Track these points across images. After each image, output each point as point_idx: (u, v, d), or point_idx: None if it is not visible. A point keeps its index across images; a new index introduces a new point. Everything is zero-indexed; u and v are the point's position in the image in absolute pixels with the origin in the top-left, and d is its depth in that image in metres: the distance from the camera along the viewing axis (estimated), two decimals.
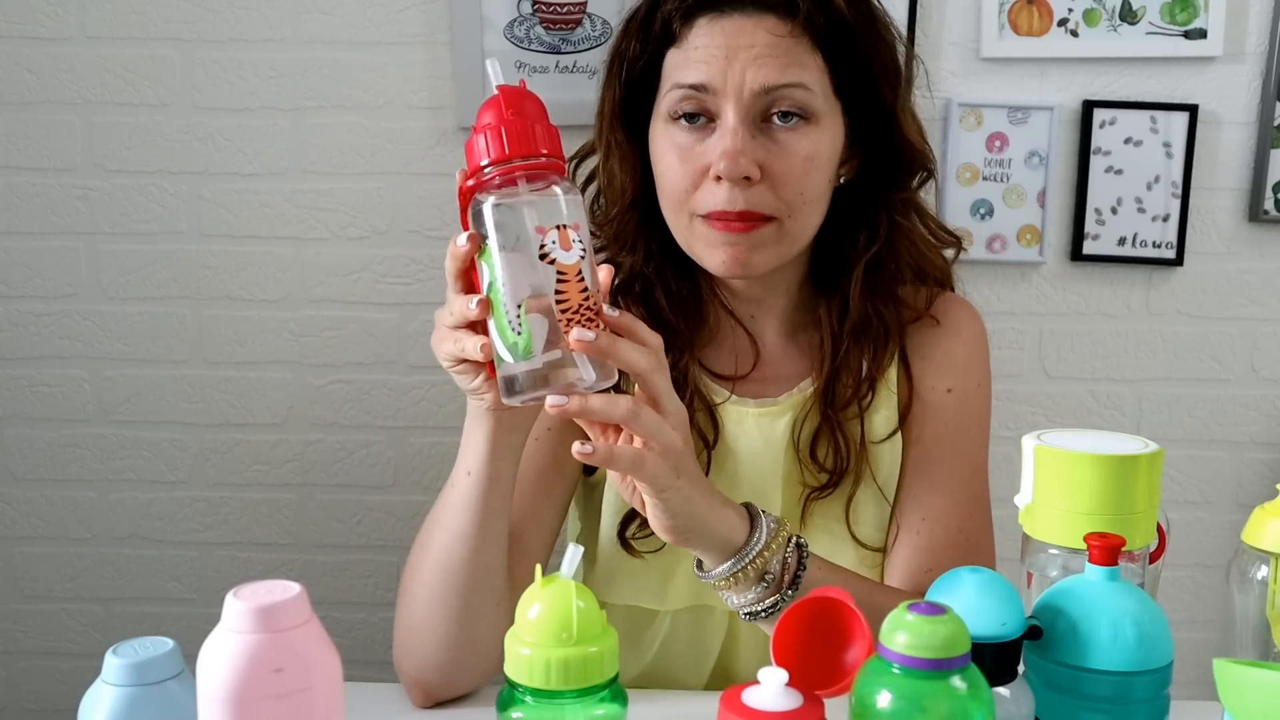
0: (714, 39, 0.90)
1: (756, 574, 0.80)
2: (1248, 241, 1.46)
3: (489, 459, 0.83)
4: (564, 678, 0.58)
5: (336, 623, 1.53)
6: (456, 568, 0.87)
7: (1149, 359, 1.49)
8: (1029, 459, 0.73)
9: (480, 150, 0.70)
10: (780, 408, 1.00)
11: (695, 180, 0.91)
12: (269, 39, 1.41)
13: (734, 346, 1.02)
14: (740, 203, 0.89)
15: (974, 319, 1.05)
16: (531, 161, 0.69)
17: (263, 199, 1.45)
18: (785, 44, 0.89)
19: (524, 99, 0.71)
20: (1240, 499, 1.51)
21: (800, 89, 0.89)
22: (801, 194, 0.91)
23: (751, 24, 0.90)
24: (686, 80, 0.91)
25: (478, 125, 0.70)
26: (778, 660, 0.63)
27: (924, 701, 0.54)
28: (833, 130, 0.93)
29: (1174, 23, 1.40)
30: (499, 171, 0.69)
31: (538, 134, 0.70)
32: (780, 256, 0.94)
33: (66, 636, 1.57)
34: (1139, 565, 0.73)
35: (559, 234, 0.68)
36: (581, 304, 0.69)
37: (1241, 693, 0.60)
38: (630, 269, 1.01)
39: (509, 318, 0.69)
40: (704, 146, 0.91)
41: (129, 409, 1.51)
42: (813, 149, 0.91)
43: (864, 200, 0.99)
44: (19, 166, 1.45)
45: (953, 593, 0.61)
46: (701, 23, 0.91)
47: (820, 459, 0.99)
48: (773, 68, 0.89)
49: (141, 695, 0.60)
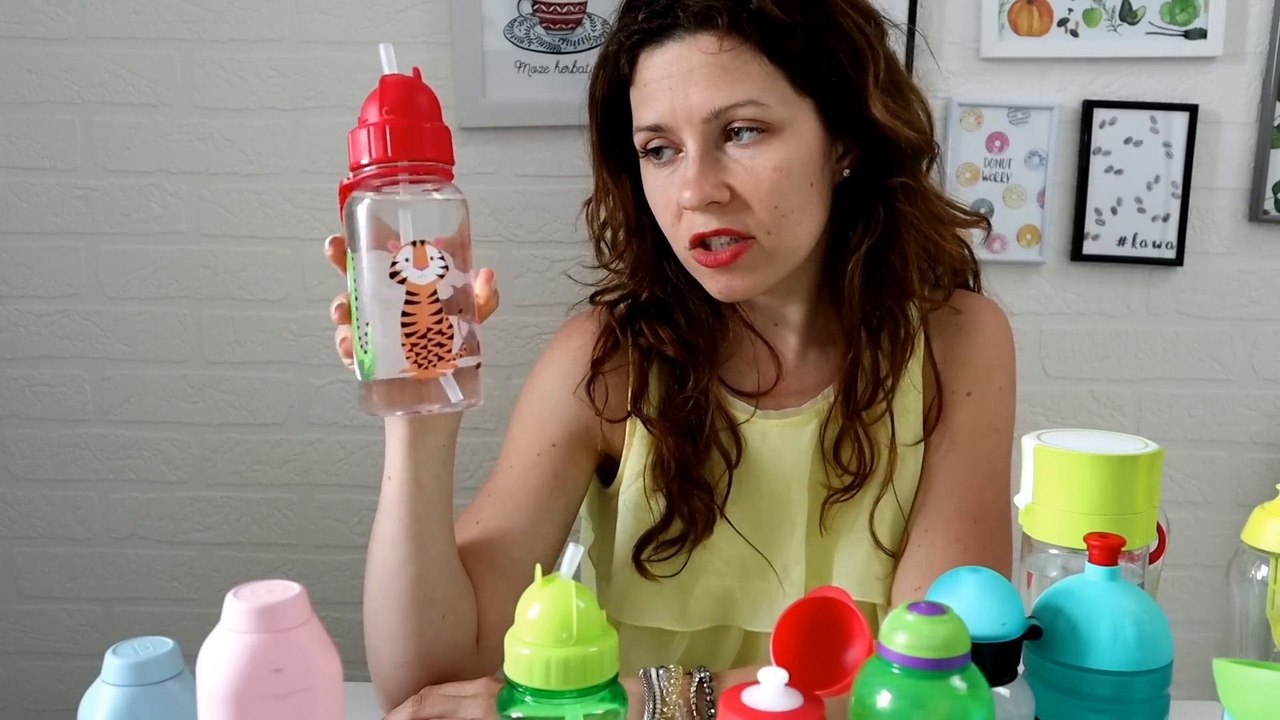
0: (655, 72, 0.88)
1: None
2: (1248, 241, 1.46)
3: (406, 462, 0.82)
4: (564, 678, 0.58)
5: (336, 623, 1.52)
6: (390, 577, 0.85)
7: (1149, 359, 1.49)
8: (1029, 459, 0.73)
9: (361, 146, 0.65)
10: (803, 416, 0.98)
11: (676, 213, 0.90)
12: (269, 39, 1.41)
13: (755, 361, 1.01)
14: (715, 224, 0.88)
15: (998, 319, 1.02)
16: (414, 164, 0.64)
17: (263, 199, 1.45)
18: (722, 61, 0.86)
19: (414, 93, 0.66)
20: (1240, 499, 1.51)
21: (750, 105, 0.86)
22: (776, 207, 0.88)
23: (685, 49, 0.87)
24: (644, 122, 0.90)
25: (362, 117, 0.65)
26: (778, 660, 0.63)
27: (924, 701, 0.54)
28: (802, 134, 0.89)
29: (1174, 23, 1.40)
30: (378, 172, 0.65)
31: (424, 134, 0.65)
32: (775, 272, 0.92)
33: (66, 636, 1.57)
34: (1139, 565, 0.73)
35: (414, 250, 0.63)
36: (430, 328, 0.64)
37: (1241, 693, 0.60)
38: (649, 295, 0.99)
39: (359, 333, 0.66)
40: (676, 179, 0.90)
41: (129, 409, 1.51)
42: (779, 160, 0.87)
43: (864, 192, 0.95)
44: (19, 166, 1.45)
45: (953, 593, 0.61)
46: (644, 57, 0.90)
47: (844, 462, 0.96)
48: (714, 88, 0.85)
49: (141, 695, 0.60)
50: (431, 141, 0.66)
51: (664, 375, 0.99)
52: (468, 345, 0.66)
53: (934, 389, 0.98)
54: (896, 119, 0.90)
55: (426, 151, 0.66)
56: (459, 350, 0.65)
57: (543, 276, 1.45)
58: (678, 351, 0.97)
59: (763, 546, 0.98)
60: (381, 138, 0.64)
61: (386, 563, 0.86)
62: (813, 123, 0.89)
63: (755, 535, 0.98)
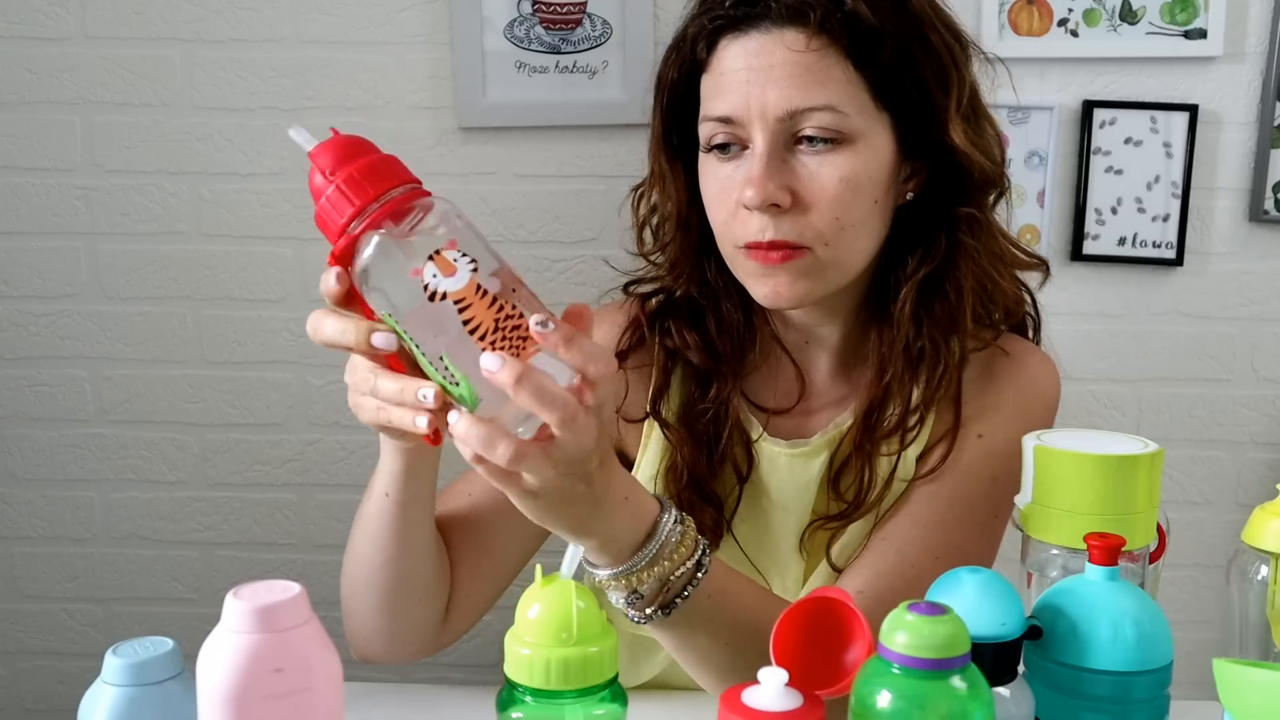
0: (735, 62, 0.85)
1: (626, 590, 0.74)
2: (1248, 241, 1.46)
3: (406, 484, 0.81)
4: (564, 678, 0.58)
5: (336, 623, 1.52)
6: (375, 569, 0.87)
7: (1149, 359, 1.49)
8: (1029, 459, 0.73)
9: (331, 215, 0.63)
10: (813, 448, 0.95)
11: (732, 211, 0.87)
12: (269, 39, 1.41)
13: (779, 377, 0.98)
14: (770, 232, 0.84)
15: (1048, 372, 0.97)
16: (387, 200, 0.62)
17: (263, 199, 1.45)
18: (807, 60, 0.83)
19: (343, 146, 0.64)
20: (1240, 499, 1.51)
21: (827, 111, 0.83)
22: (838, 219, 0.84)
23: (771, 41, 0.84)
24: (714, 113, 0.86)
25: (316, 198, 0.64)
26: (778, 660, 0.63)
27: (924, 701, 0.54)
28: (875, 148, 0.86)
29: (1174, 23, 1.40)
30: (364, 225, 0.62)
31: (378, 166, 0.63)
32: (826, 286, 0.88)
33: (66, 636, 1.57)
34: (1139, 565, 0.73)
35: (435, 263, 0.60)
36: (498, 321, 0.61)
37: (1241, 693, 0.60)
38: (684, 294, 0.96)
39: (441, 374, 0.62)
40: (739, 176, 0.86)
41: (129, 409, 1.51)
42: (849, 171, 0.84)
43: (926, 218, 0.91)
44: (19, 166, 1.45)
45: (953, 593, 0.61)
46: (725, 44, 0.86)
47: (842, 490, 0.93)
48: (794, 89, 0.82)
49: (141, 695, 0.60)
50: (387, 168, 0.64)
51: (687, 380, 0.97)
52: (543, 315, 0.62)
53: (948, 425, 0.92)
54: (974, 147, 0.87)
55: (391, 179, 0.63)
56: (540, 322, 0.61)
57: (543, 277, 1.45)
58: (702, 359, 0.94)
59: (763, 568, 0.97)
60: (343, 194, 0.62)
61: (374, 560, 0.87)
62: (887, 139, 0.87)
63: (757, 555, 0.96)
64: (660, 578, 0.73)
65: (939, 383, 0.90)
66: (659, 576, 0.73)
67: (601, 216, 1.43)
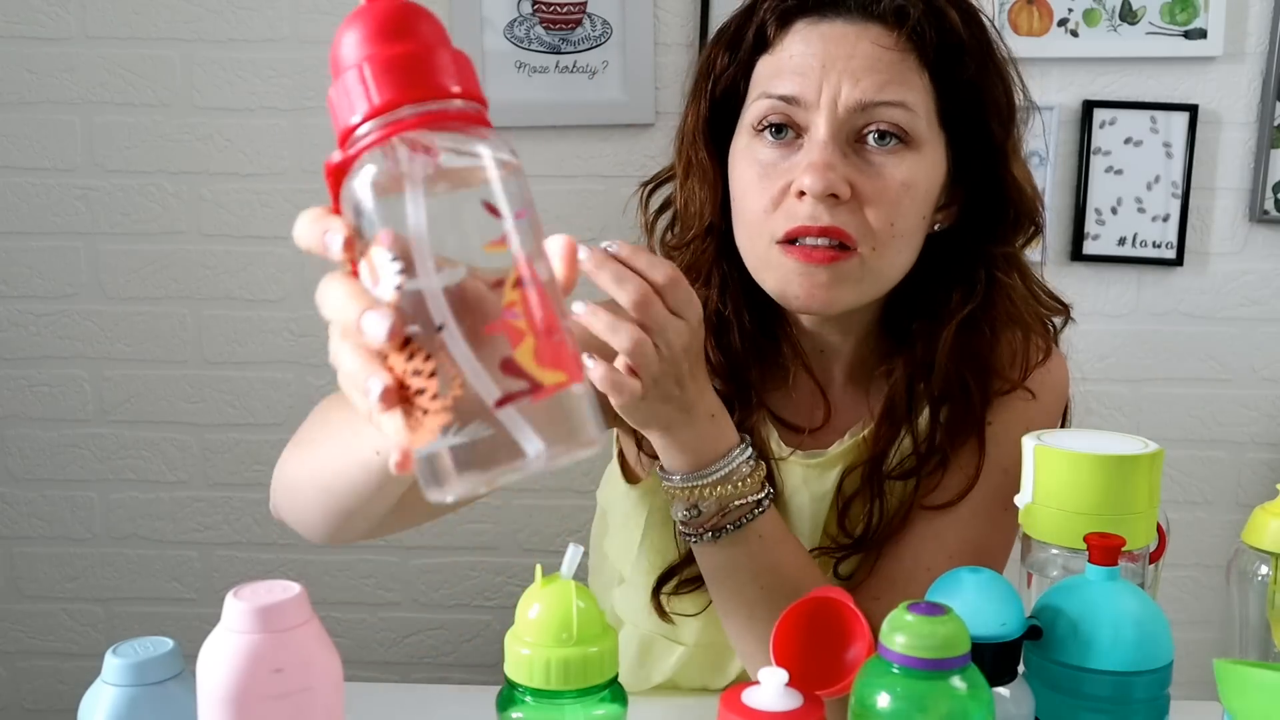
0: (810, 46, 0.82)
1: (688, 502, 0.77)
2: (1248, 241, 1.46)
3: None
4: (564, 678, 0.58)
5: (336, 623, 1.53)
6: (331, 495, 0.76)
7: (1149, 359, 1.49)
8: (1029, 459, 0.73)
9: (350, 99, 0.44)
10: (829, 459, 0.91)
11: (776, 200, 0.82)
12: (269, 39, 1.41)
13: (798, 390, 0.93)
14: (825, 218, 0.80)
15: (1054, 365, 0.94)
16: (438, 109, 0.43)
17: (263, 199, 1.45)
18: (890, 58, 0.80)
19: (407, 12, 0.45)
20: (1240, 499, 1.51)
21: (901, 109, 0.80)
22: (893, 224, 0.81)
23: (854, 32, 0.81)
24: (776, 91, 0.82)
25: (340, 61, 0.46)
26: (778, 660, 0.63)
27: (924, 701, 0.54)
28: (934, 161, 0.83)
29: (1174, 23, 1.40)
30: (386, 129, 0.43)
31: (440, 64, 0.43)
32: (861, 295, 0.84)
33: (66, 636, 1.57)
34: (1139, 565, 0.73)
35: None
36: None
37: (1241, 693, 0.60)
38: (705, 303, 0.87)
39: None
40: (789, 163, 0.82)
41: (129, 409, 1.51)
42: (911, 176, 0.81)
43: (961, 252, 0.88)
44: (19, 166, 1.45)
45: (953, 593, 0.61)
46: (799, 27, 0.83)
47: (849, 525, 0.90)
48: (872, 83, 0.80)
49: (141, 695, 0.60)
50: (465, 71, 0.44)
51: None
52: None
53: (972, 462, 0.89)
54: (1027, 183, 0.87)
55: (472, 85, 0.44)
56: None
57: None
58: (725, 385, 0.88)
59: None
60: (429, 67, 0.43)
61: (330, 487, 0.76)
62: (941, 158, 0.85)
63: None
64: (721, 500, 0.77)
65: (963, 425, 0.88)
66: (720, 498, 0.77)
67: (602, 216, 1.43)
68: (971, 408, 0.88)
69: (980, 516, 0.89)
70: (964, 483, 0.88)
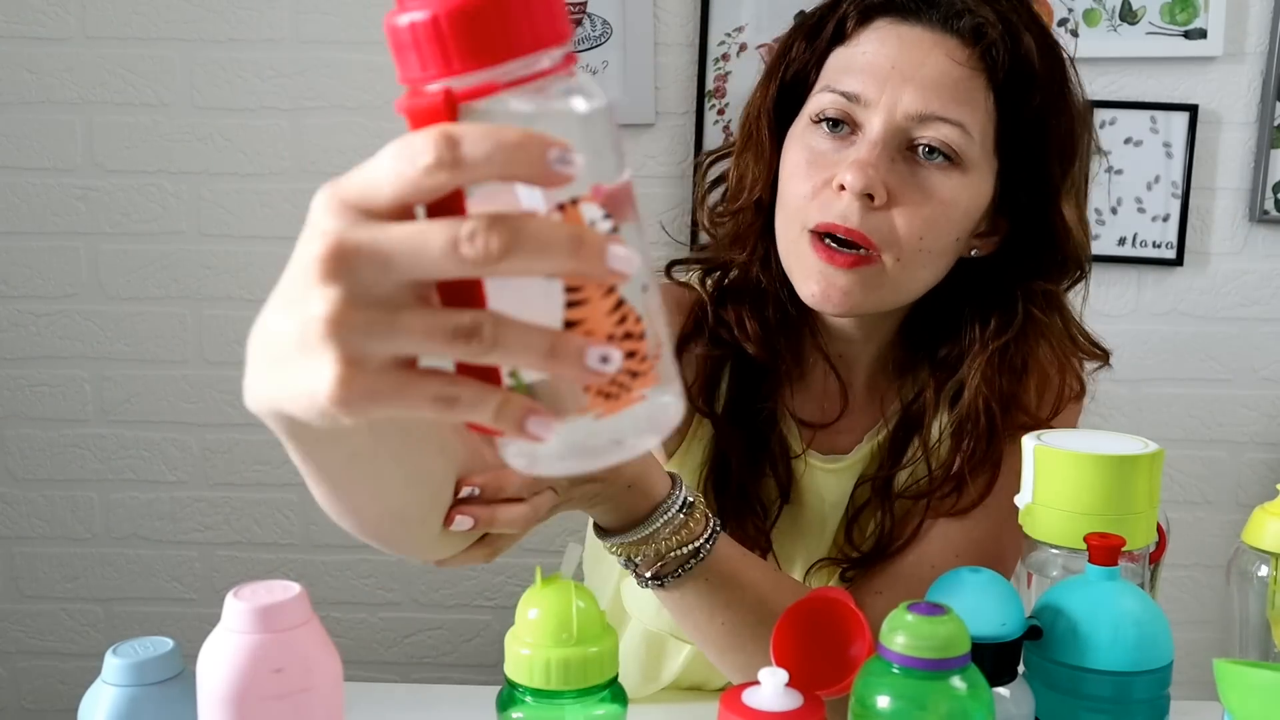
0: (885, 47, 0.82)
1: (623, 556, 0.74)
2: (1248, 241, 1.46)
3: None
4: (564, 678, 0.58)
5: (336, 623, 1.53)
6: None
7: (1149, 359, 1.49)
8: (1029, 459, 0.73)
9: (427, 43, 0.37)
10: (848, 463, 0.92)
11: (818, 189, 0.82)
12: (269, 39, 1.41)
13: (820, 386, 0.93)
14: (854, 220, 0.79)
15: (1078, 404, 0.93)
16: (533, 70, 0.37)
17: (263, 199, 1.45)
18: (959, 74, 0.80)
19: None
20: (1240, 499, 1.51)
21: (957, 128, 0.80)
22: (921, 238, 0.81)
23: (930, 41, 0.81)
24: (840, 86, 0.82)
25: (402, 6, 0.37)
26: (778, 660, 0.63)
27: (924, 701, 0.54)
28: (980, 186, 0.82)
29: (1174, 23, 1.40)
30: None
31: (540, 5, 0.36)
32: (877, 303, 0.84)
33: (66, 636, 1.57)
34: (1139, 565, 0.73)
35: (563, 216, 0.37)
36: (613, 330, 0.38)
37: (1241, 693, 0.60)
38: (744, 272, 0.91)
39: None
40: (838, 156, 0.82)
41: (129, 409, 1.51)
42: (952, 196, 0.81)
43: (999, 282, 0.87)
44: (19, 166, 1.45)
45: (953, 593, 0.61)
46: (878, 25, 0.83)
47: (856, 540, 0.90)
48: (936, 96, 0.79)
49: (141, 695, 0.60)
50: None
51: (734, 377, 0.92)
52: None
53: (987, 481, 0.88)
54: (1079, 225, 0.86)
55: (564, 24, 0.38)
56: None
57: None
58: (760, 352, 0.89)
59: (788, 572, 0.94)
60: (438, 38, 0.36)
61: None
62: (990, 184, 0.84)
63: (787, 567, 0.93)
64: (657, 553, 0.74)
65: (983, 461, 0.87)
66: (656, 552, 0.74)
67: None
68: (994, 442, 0.87)
69: (990, 518, 0.89)
70: (975, 498, 0.88)
